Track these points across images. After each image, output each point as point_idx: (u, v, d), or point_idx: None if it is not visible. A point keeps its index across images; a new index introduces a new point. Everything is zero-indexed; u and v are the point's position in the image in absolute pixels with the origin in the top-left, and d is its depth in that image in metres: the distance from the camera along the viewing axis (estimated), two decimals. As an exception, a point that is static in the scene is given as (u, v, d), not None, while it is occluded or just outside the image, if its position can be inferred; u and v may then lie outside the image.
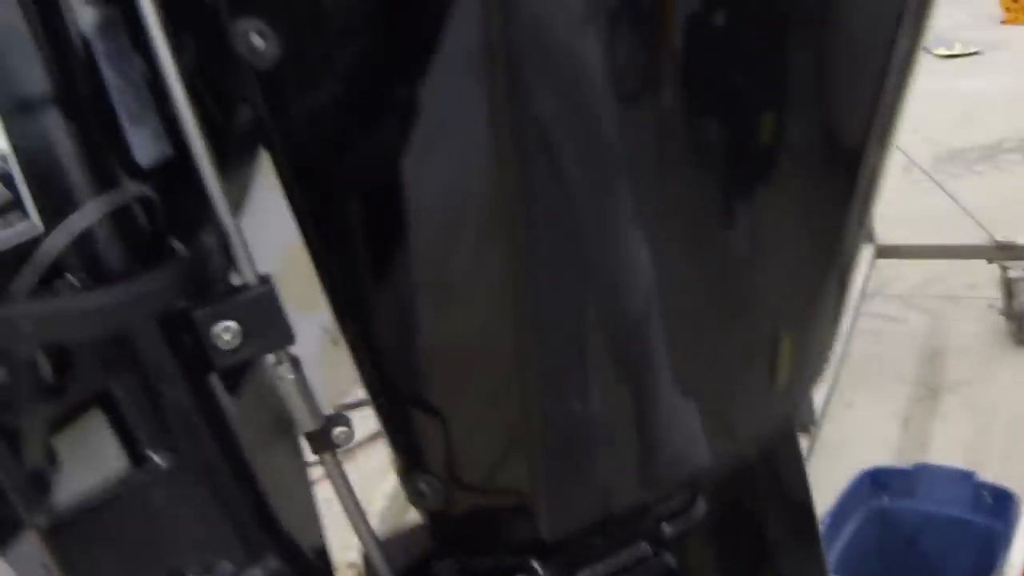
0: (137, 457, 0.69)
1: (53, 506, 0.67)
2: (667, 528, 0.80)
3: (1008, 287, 3.10)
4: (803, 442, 2.69)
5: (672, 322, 0.71)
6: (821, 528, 2.10)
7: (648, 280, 0.69)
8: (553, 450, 0.73)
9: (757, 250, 0.72)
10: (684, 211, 0.69)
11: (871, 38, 0.70)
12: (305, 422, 0.71)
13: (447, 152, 0.63)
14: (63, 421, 0.71)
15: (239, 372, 0.73)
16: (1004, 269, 3.12)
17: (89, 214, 0.61)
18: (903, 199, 3.72)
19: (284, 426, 0.76)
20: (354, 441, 0.74)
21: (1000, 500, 2.12)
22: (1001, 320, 3.15)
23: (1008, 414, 2.80)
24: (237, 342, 0.65)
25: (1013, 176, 4.27)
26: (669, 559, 0.81)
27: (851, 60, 0.71)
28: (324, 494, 0.80)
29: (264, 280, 0.66)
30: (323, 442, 0.72)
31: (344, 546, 0.89)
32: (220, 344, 0.65)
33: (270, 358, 0.68)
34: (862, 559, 2.18)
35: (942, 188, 3.25)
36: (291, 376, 0.69)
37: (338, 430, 0.72)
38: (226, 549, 0.72)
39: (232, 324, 0.65)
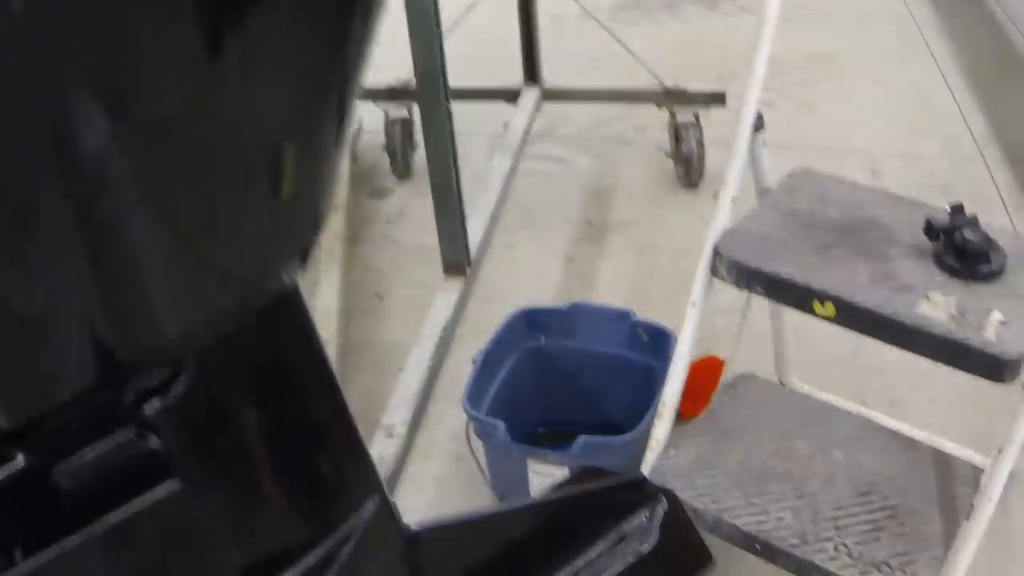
0: None
1: None
2: (146, 408, 0.74)
3: (676, 132, 3.06)
4: (458, 285, 2.55)
5: (120, 162, 0.58)
6: (474, 368, 1.99)
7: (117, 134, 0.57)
8: None
9: (245, 67, 0.61)
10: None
11: None
12: None
13: None
14: None
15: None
16: (673, 115, 3.08)
17: None
18: (575, 45, 3.63)
19: None
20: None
21: (657, 338, 2.09)
22: (669, 163, 3.10)
23: (672, 254, 2.76)
24: None
25: (690, 26, 4.26)
26: (153, 440, 0.75)
27: None
28: None
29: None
30: None
31: None
32: None
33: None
34: (521, 397, 2.12)
35: (612, 34, 3.14)
36: None
37: None
38: None
39: None
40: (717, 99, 3.07)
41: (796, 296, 1.55)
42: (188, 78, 0.58)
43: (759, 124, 1.74)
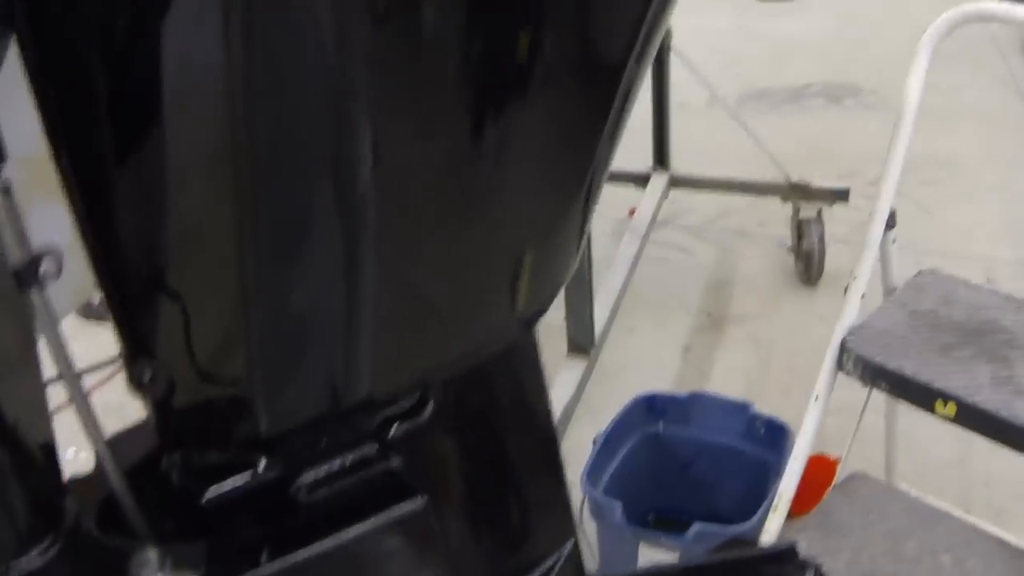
0: None
1: None
2: (394, 430, 0.81)
3: (799, 227, 3.11)
4: (581, 365, 2.63)
5: (401, 221, 0.69)
6: (595, 449, 2.06)
7: (377, 178, 0.67)
8: (269, 341, 0.72)
9: (503, 159, 0.72)
10: (424, 114, 0.67)
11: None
12: (13, 252, 0.65)
13: (185, 44, 0.60)
14: None
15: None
16: (796, 209, 3.13)
17: None
18: (704, 133, 3.71)
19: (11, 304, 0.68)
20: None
21: (773, 432, 2.11)
22: (789, 259, 3.15)
23: (789, 349, 2.80)
24: None
25: (815, 119, 4.30)
26: (395, 461, 0.81)
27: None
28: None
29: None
30: (30, 277, 0.66)
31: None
32: None
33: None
34: (636, 481, 2.16)
35: (742, 125, 3.22)
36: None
37: (46, 267, 0.67)
38: None
39: None
40: (841, 196, 3.09)
41: (919, 395, 1.59)
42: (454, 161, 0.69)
43: (891, 222, 1.78)
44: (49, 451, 0.74)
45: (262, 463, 0.78)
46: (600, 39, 0.72)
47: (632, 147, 3.47)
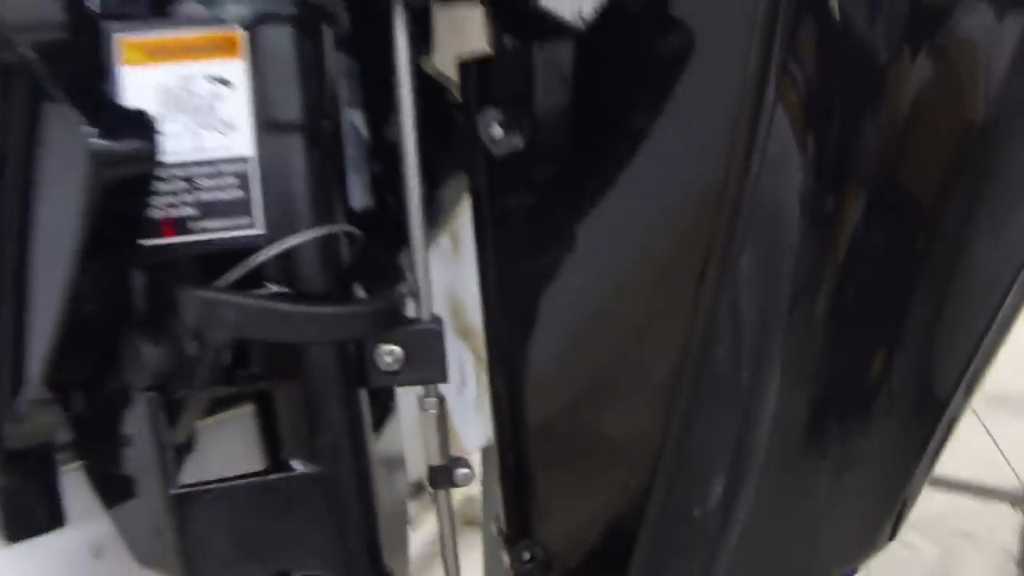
0: (275, 460, 0.76)
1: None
2: None
3: (1027, 537, 3.10)
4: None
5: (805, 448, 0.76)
6: None
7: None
8: (661, 548, 0.76)
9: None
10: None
11: (989, 288, 0.76)
12: (433, 456, 0.78)
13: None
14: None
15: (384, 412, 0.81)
16: (1027, 520, 3.12)
17: (308, 233, 0.70)
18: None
19: (398, 463, 0.83)
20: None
21: None
22: (1013, 569, 3.13)
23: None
24: (396, 367, 0.72)
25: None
26: None
27: (966, 306, 0.76)
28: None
29: (436, 319, 0.74)
30: (444, 479, 0.79)
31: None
32: (381, 365, 0.72)
33: (419, 390, 0.76)
34: None
35: (984, 427, 3.26)
36: (434, 411, 0.76)
37: (461, 471, 0.79)
38: (331, 563, 0.76)
39: (396, 349, 0.72)
40: (1074, 512, 3.09)
41: None
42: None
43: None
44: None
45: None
46: (937, 365, 0.78)
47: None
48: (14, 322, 0.70)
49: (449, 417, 0.80)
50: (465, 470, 0.79)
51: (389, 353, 0.72)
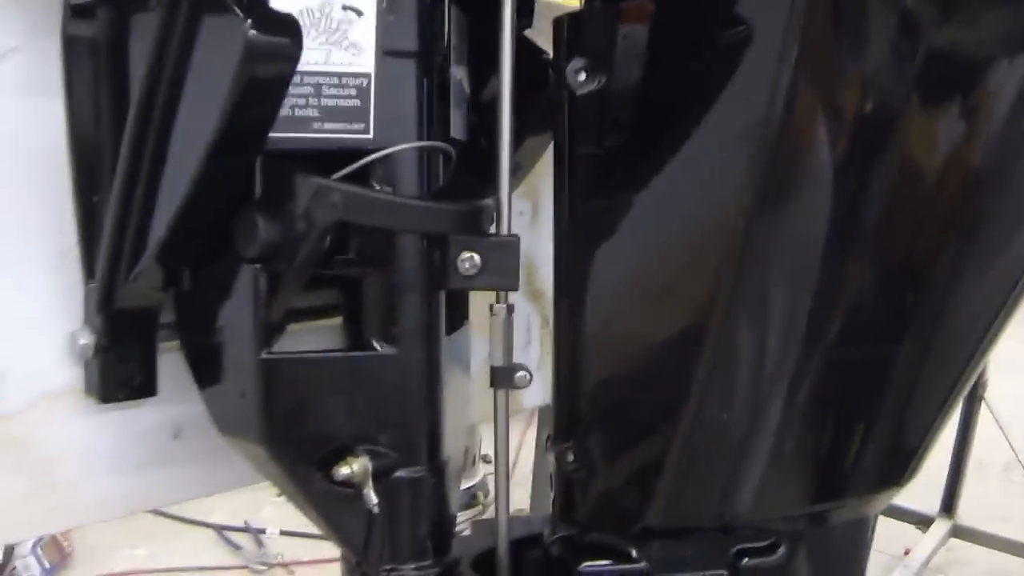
0: (359, 340, 0.86)
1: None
2: (746, 561, 0.92)
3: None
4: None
5: (816, 378, 0.86)
6: None
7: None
8: (690, 447, 0.86)
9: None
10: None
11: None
12: (498, 357, 0.88)
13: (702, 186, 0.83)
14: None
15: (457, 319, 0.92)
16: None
17: (412, 144, 0.81)
18: (996, 492, 3.75)
19: (465, 367, 0.94)
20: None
21: None
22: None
23: None
24: (473, 272, 0.82)
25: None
26: None
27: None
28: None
29: (513, 235, 0.84)
30: (505, 379, 0.88)
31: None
32: (460, 269, 0.82)
33: (491, 295, 0.86)
34: None
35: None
36: (503, 316, 0.87)
37: (519, 374, 0.88)
38: (394, 440, 0.85)
39: (475, 256, 0.82)
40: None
41: None
42: None
43: None
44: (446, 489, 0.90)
45: (633, 553, 0.91)
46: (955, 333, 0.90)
47: (919, 488, 3.52)
48: (145, 200, 0.79)
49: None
50: (523, 372, 0.88)
51: (468, 259, 0.82)
